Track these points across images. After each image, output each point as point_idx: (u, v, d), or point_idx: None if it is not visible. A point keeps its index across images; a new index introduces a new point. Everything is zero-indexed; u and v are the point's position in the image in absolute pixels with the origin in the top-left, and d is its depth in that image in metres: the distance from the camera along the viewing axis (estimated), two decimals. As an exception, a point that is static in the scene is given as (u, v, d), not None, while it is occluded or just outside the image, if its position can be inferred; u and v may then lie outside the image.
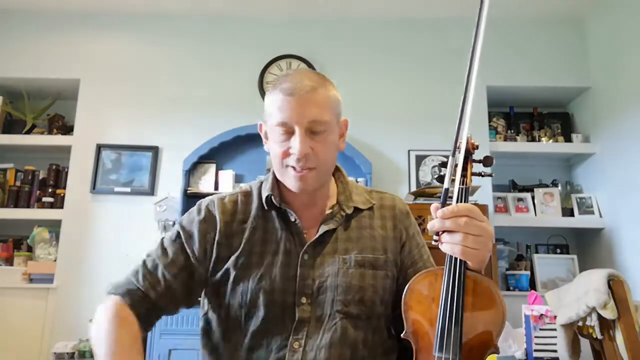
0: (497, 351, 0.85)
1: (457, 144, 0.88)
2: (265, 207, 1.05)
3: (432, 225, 0.85)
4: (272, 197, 1.03)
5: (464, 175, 0.90)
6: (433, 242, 0.86)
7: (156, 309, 1.00)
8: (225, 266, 1.01)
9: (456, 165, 0.89)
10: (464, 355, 0.83)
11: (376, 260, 1.03)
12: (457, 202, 0.87)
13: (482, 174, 0.96)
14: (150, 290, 0.99)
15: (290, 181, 1.00)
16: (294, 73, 1.01)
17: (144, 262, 1.03)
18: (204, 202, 1.08)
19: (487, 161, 0.91)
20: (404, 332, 0.91)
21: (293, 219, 1.02)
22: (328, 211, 1.05)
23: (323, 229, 1.02)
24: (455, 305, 0.82)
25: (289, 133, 0.96)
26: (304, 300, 0.97)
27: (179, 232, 1.05)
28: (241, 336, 0.98)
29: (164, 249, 1.04)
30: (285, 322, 0.96)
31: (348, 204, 1.07)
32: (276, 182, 1.07)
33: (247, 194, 1.09)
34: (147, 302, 0.98)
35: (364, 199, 1.11)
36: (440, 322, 0.83)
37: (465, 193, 0.88)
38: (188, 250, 1.02)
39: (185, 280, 1.01)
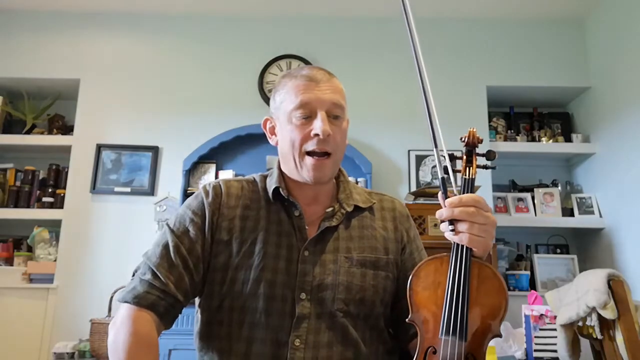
0: (499, 335, 0.88)
1: (435, 138, 0.94)
2: (271, 200, 1.05)
3: (441, 214, 0.88)
4: (280, 189, 1.04)
5: (468, 167, 0.95)
6: (449, 231, 0.88)
7: (178, 304, 0.96)
8: (227, 251, 1.00)
9: (451, 157, 0.95)
10: (469, 339, 0.86)
11: (378, 261, 1.03)
12: (463, 192, 0.92)
13: (486, 166, 0.99)
14: (172, 287, 0.95)
15: (306, 171, 1.00)
16: (308, 66, 1.08)
17: (159, 256, 0.98)
18: (209, 184, 1.08)
19: (489, 155, 0.96)
20: (409, 316, 0.92)
21: (297, 213, 1.03)
22: (329, 209, 1.05)
23: (324, 225, 1.02)
24: (462, 290, 0.86)
25: (309, 116, 0.99)
26: (303, 296, 0.96)
27: (192, 219, 1.02)
28: (239, 328, 0.96)
29: (179, 238, 1.00)
30: (284, 317, 0.95)
31: (348, 202, 1.07)
32: (282, 177, 1.07)
33: (252, 184, 1.10)
34: (167, 301, 0.94)
35: (364, 198, 1.12)
36: (447, 307, 0.86)
37: (471, 184, 0.93)
38: (202, 237, 1.00)
39: (203, 270, 1.00)
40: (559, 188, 3.07)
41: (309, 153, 1.00)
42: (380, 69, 3.10)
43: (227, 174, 2.90)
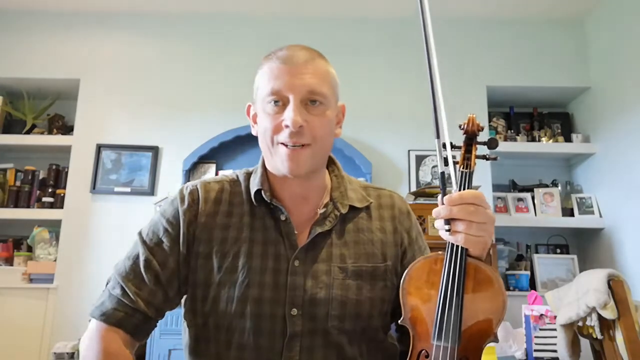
0: (496, 340, 0.83)
1: (439, 127, 0.82)
2: (254, 203, 0.94)
3: (438, 212, 0.80)
4: (263, 191, 0.93)
5: (467, 159, 0.85)
6: (444, 230, 0.80)
7: (149, 321, 0.90)
8: (207, 266, 0.91)
9: (451, 146, 0.83)
10: (463, 343, 0.80)
11: (375, 270, 0.94)
12: (461, 187, 0.83)
13: (487, 157, 0.90)
14: (141, 304, 0.87)
15: (280, 161, 0.89)
16: (291, 45, 0.95)
17: (129, 270, 0.90)
18: (185, 188, 0.97)
19: (491, 143, 0.86)
20: (401, 318, 0.87)
21: (284, 218, 0.93)
22: (321, 210, 0.95)
23: (316, 231, 0.92)
24: (455, 293, 0.80)
25: (282, 105, 0.88)
26: (294, 311, 0.88)
27: (166, 229, 0.92)
28: (227, 349, 0.89)
29: (150, 250, 0.91)
30: (275, 337, 0.87)
31: (343, 202, 0.96)
32: (266, 175, 0.96)
33: (234, 184, 0.99)
34: (136, 318, 0.88)
35: (360, 196, 1.01)
36: (439, 310, 0.80)
37: (469, 178, 0.84)
38: (177, 250, 0.91)
39: (178, 285, 0.92)
40: (559, 188, 3.07)
41: (283, 143, 0.89)
42: (380, 69, 3.10)
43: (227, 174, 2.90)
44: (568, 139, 3.11)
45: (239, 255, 0.90)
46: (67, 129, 3.13)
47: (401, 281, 0.87)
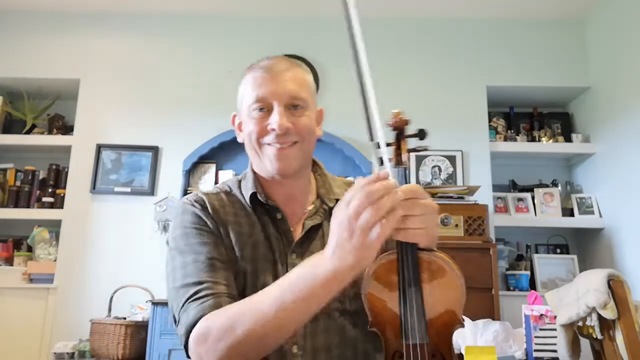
0: (462, 325, 0.83)
1: (372, 128, 0.82)
2: (250, 206, 0.99)
3: None
4: (257, 194, 0.98)
5: (398, 155, 0.85)
6: None
7: (232, 291, 0.91)
8: None
9: (387, 145, 0.81)
10: (432, 336, 0.81)
11: None
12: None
13: (418, 149, 0.89)
14: (219, 287, 0.87)
15: (269, 162, 0.95)
16: (272, 56, 1.03)
17: (186, 274, 0.90)
18: (187, 199, 1.00)
19: (421, 134, 0.85)
20: (369, 323, 0.86)
21: (280, 216, 0.99)
22: (310, 207, 1.01)
23: (308, 224, 0.98)
24: (414, 288, 0.79)
25: (267, 110, 0.95)
26: None
27: (195, 229, 0.94)
28: None
29: (193, 250, 0.92)
30: None
31: (330, 197, 1.04)
32: (257, 179, 1.02)
33: (228, 194, 1.04)
34: (223, 294, 0.87)
35: (344, 191, 1.03)
36: (402, 309, 0.80)
37: (405, 173, 0.83)
38: (214, 237, 0.94)
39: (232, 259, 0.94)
40: (559, 188, 3.07)
41: (270, 144, 0.95)
42: (380, 69, 3.10)
43: (227, 174, 2.90)
44: (568, 139, 3.11)
45: (242, 258, 0.95)
46: (67, 129, 3.13)
47: (362, 288, 0.86)
